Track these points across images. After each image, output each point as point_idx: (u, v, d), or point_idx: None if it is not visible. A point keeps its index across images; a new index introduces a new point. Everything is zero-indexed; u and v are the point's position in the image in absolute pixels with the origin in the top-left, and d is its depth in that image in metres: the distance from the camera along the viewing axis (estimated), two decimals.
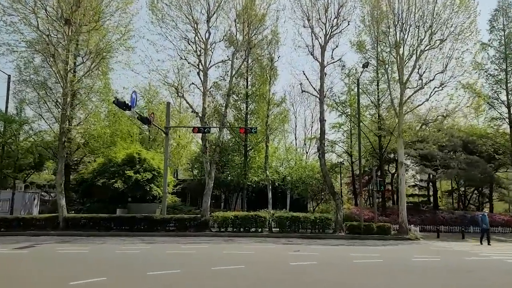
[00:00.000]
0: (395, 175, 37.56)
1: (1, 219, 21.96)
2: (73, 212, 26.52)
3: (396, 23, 22.96)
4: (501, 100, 29.96)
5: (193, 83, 24.63)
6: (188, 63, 24.06)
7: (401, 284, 8.79)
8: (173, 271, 9.64)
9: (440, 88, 23.01)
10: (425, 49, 22.72)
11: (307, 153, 46.23)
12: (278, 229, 22.14)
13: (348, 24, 24.13)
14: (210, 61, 24.39)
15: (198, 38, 23.78)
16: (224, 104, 25.94)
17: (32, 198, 27.02)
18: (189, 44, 23.84)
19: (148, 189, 27.23)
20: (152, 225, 21.85)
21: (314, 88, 24.90)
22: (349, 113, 32.63)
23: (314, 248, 15.63)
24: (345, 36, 53.54)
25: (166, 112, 24.70)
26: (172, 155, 37.70)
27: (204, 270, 10.04)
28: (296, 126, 50.56)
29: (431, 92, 23.16)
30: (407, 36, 23.03)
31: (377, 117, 30.03)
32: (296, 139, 50.19)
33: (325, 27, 23.92)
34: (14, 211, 25.00)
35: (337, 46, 24.93)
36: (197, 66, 23.94)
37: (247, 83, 30.73)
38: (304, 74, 23.25)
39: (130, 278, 8.98)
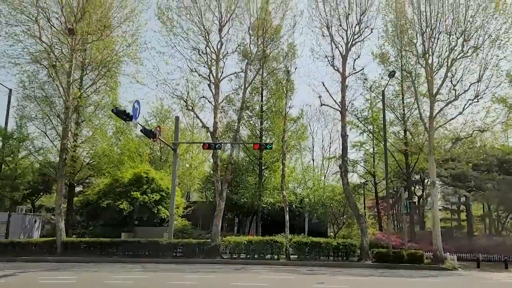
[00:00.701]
0: (422, 197, 34.87)
1: None
2: (75, 236, 24.70)
3: (424, 30, 21.06)
4: None
5: (203, 97, 22.98)
6: (199, 75, 22.50)
7: None
8: None
9: (476, 100, 20.76)
10: (458, 57, 20.62)
11: (325, 174, 43.80)
12: (296, 256, 19.86)
13: (371, 32, 22.33)
14: (222, 72, 22.81)
15: (210, 48, 22.31)
16: (237, 119, 24.14)
17: (33, 221, 25.31)
18: (200, 55, 22.35)
19: (155, 211, 25.27)
20: (157, 251, 19.89)
21: (334, 101, 22.93)
22: (372, 130, 30.43)
23: (341, 279, 13.28)
24: (367, 46, 51.83)
25: (174, 127, 23.01)
26: (184, 177, 35.84)
27: None
28: (313, 146, 48.33)
29: (465, 105, 20.95)
30: (436, 44, 21.07)
31: (404, 133, 27.81)
32: (313, 160, 47.85)
33: (346, 34, 22.17)
34: (12, 234, 23.26)
35: (358, 57, 22.99)
36: (207, 78, 22.34)
37: (262, 97, 28.98)
38: (324, 85, 21.26)
39: None
